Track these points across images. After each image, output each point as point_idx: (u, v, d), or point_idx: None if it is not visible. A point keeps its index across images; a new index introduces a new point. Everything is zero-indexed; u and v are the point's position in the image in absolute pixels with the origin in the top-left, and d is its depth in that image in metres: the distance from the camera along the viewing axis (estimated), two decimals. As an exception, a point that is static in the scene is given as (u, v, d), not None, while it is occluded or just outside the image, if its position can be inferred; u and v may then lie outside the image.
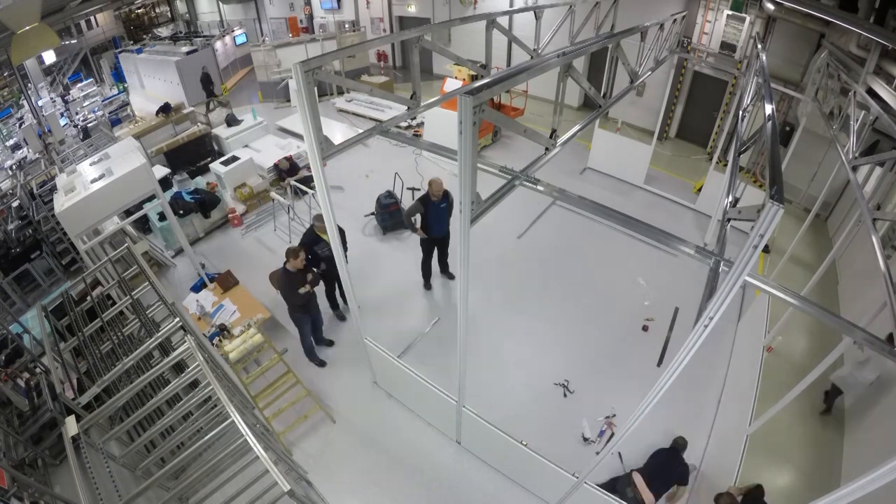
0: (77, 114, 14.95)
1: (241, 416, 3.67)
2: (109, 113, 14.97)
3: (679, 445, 4.80)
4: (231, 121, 12.28)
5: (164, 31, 21.77)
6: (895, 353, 2.68)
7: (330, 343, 6.80)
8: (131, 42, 20.08)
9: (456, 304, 3.60)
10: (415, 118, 12.19)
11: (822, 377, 4.42)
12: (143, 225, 9.37)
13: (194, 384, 4.52)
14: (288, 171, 10.12)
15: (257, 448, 3.52)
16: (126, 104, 15.81)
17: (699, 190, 9.82)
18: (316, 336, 6.58)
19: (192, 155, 11.36)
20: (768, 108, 3.15)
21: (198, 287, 7.40)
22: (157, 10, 22.42)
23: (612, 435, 5.43)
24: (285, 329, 7.10)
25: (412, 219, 6.83)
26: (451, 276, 7.82)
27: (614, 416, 5.75)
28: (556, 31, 6.24)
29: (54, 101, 15.10)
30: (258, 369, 5.73)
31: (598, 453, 3.14)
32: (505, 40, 5.84)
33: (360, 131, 4.31)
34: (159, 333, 4.81)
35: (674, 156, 12.19)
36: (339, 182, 10.43)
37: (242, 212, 9.76)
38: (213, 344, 5.91)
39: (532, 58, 6.03)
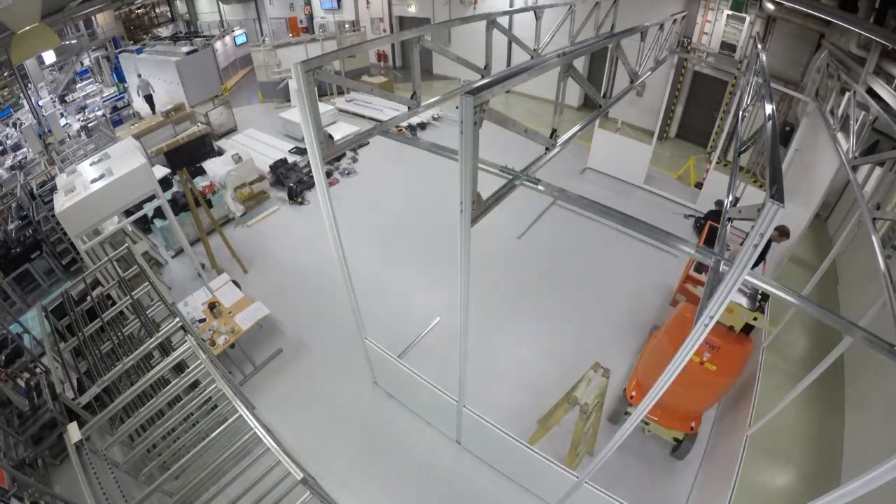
0: (79, 112, 14.95)
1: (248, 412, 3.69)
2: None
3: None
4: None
5: (164, 32, 21.77)
6: (895, 352, 2.68)
7: None
8: (131, 42, 20.07)
9: (456, 304, 3.59)
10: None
11: (820, 377, 4.42)
12: (144, 225, 9.37)
13: (194, 384, 4.53)
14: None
15: (267, 440, 3.53)
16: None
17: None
18: None
19: (193, 155, 11.36)
20: (768, 108, 3.15)
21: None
22: (157, 11, 22.39)
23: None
24: (279, 330, 7.11)
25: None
26: None
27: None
28: (556, 31, 6.24)
29: (54, 102, 15.11)
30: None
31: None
32: (505, 40, 5.83)
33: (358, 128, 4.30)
34: (159, 333, 4.82)
35: (674, 156, 12.19)
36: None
37: (242, 212, 9.78)
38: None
39: (532, 58, 6.03)
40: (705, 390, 5.08)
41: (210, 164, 10.49)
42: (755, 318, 4.81)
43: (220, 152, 11.62)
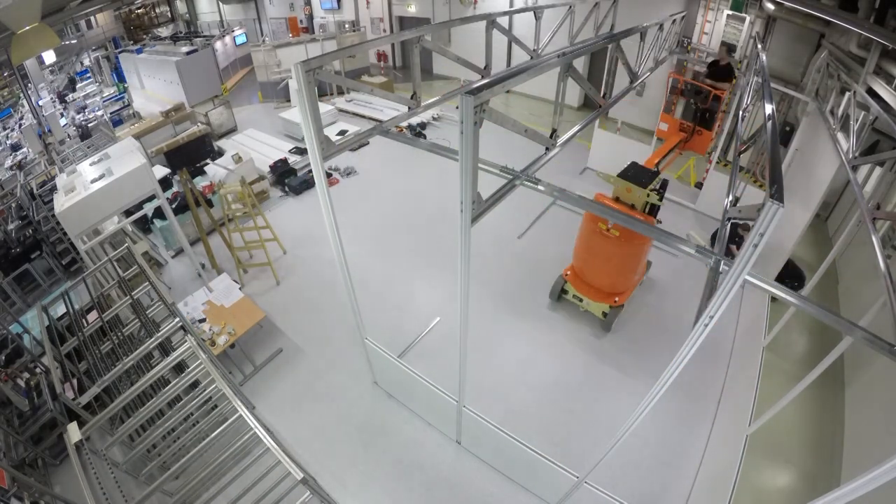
0: (78, 113, 14.95)
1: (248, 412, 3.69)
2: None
3: None
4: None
5: (164, 32, 21.76)
6: (895, 352, 2.68)
7: None
8: (131, 42, 20.07)
9: (456, 304, 3.60)
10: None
11: (820, 377, 4.41)
12: (144, 225, 9.37)
13: (194, 384, 4.53)
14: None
15: (267, 440, 3.53)
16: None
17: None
18: None
19: (193, 155, 11.34)
20: (768, 108, 3.15)
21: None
22: (157, 11, 22.38)
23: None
24: (279, 330, 7.10)
25: None
26: None
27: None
28: (556, 31, 6.24)
29: (54, 102, 15.09)
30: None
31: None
32: (505, 40, 5.83)
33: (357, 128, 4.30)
34: (159, 333, 4.82)
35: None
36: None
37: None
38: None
39: (532, 58, 6.03)
40: (616, 259, 6.32)
41: (210, 164, 10.50)
42: (648, 195, 5.97)
43: (220, 152, 11.61)
